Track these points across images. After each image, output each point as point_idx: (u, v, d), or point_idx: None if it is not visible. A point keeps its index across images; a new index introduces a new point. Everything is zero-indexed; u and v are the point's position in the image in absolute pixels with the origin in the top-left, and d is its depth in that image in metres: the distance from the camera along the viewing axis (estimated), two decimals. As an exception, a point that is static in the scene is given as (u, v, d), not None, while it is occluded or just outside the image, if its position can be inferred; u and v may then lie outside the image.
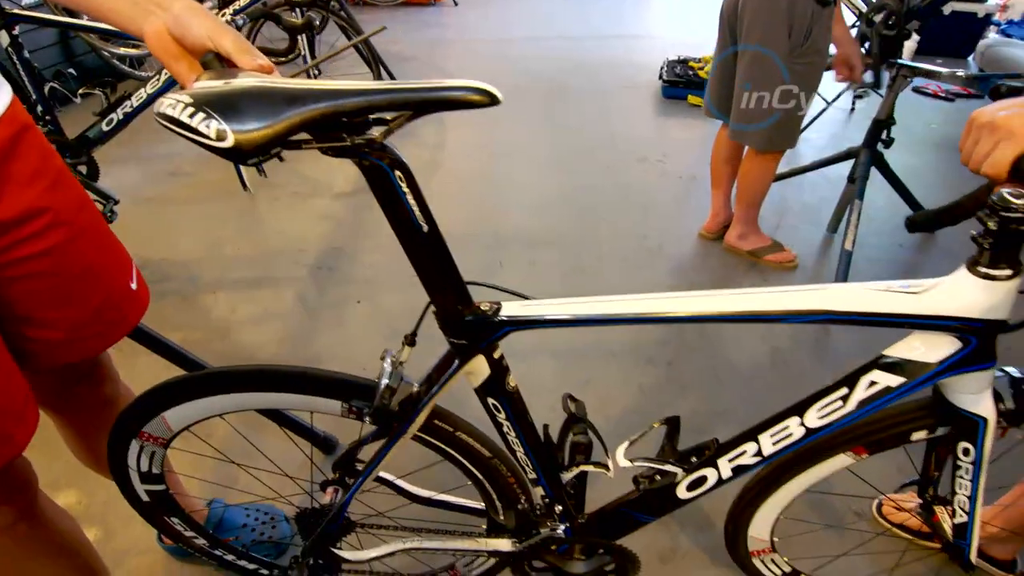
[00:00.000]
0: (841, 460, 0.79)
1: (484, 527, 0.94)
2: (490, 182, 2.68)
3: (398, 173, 0.54)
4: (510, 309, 0.65)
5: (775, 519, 0.91)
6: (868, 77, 1.95)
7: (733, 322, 0.66)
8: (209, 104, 0.47)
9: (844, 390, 0.68)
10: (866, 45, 1.94)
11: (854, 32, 2.12)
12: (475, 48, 4.66)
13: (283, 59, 2.59)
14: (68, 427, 0.94)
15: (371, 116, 0.51)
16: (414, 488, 0.92)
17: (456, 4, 5.88)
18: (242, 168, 2.37)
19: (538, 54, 4.44)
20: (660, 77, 3.69)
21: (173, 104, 0.47)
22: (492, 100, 0.48)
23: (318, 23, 3.41)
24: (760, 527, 0.92)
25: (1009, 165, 0.59)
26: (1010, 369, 0.68)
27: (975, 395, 0.66)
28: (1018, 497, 1.10)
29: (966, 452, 0.72)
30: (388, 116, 0.52)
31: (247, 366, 0.75)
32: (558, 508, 0.85)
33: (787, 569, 1.02)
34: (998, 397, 0.67)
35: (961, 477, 0.75)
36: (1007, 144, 0.59)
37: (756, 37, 1.67)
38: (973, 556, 0.85)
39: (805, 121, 2.12)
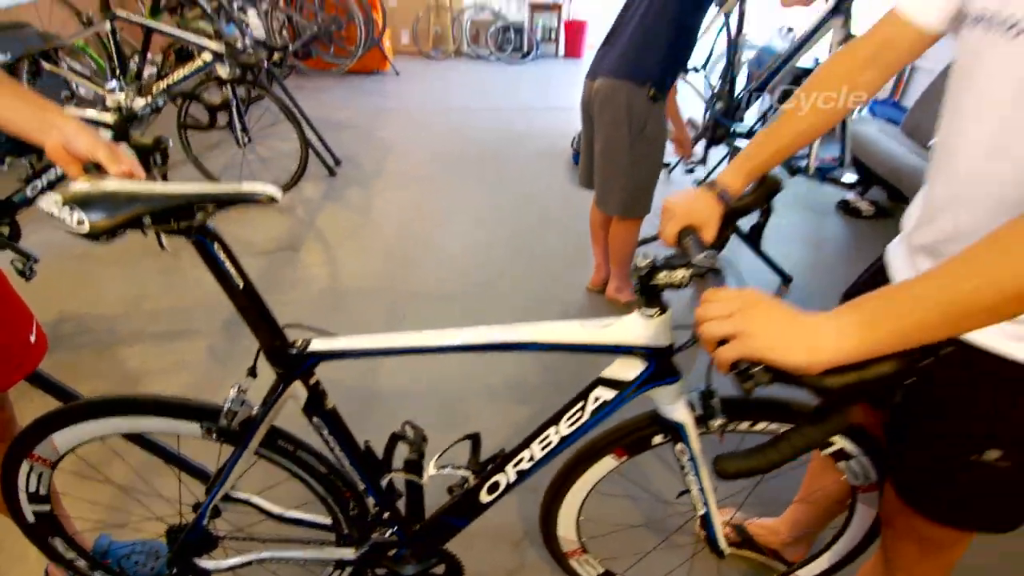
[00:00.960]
0: (608, 463, 1.00)
1: (333, 539, 1.10)
2: (409, 240, 2.92)
3: (216, 245, 0.75)
4: (318, 344, 0.85)
5: (576, 520, 1.10)
6: (699, 151, 2.36)
7: (492, 350, 0.87)
8: (75, 201, 0.68)
9: (581, 403, 0.90)
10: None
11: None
12: (413, 116, 5.01)
13: (209, 129, 2.80)
14: None
15: (196, 205, 0.72)
16: (270, 506, 1.08)
17: (397, 74, 6.31)
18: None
19: (470, 123, 4.82)
20: (572, 145, 4.08)
21: (48, 202, 0.68)
22: (272, 199, 0.70)
23: (246, 97, 3.63)
24: (566, 528, 1.11)
25: (674, 236, 0.85)
26: (703, 385, 0.92)
27: (671, 405, 0.89)
28: (796, 510, 1.33)
29: (683, 452, 0.94)
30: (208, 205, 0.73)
31: (118, 394, 0.92)
32: (386, 515, 1.03)
33: (600, 570, 1.21)
34: (692, 407, 0.90)
35: (688, 474, 0.97)
36: (671, 222, 0.85)
37: (604, 127, 2.01)
38: (721, 544, 1.06)
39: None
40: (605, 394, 0.88)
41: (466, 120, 4.94)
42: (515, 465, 0.97)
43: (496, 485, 0.99)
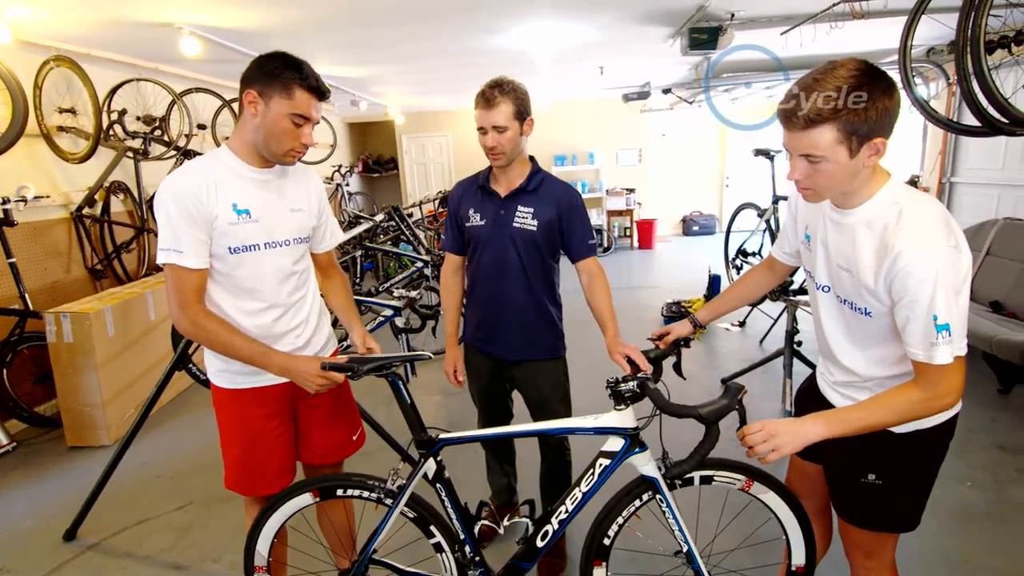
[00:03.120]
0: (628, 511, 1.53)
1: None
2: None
3: (401, 383, 1.52)
4: (443, 435, 1.55)
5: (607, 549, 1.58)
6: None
7: (534, 435, 1.51)
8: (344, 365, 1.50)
9: (591, 469, 1.49)
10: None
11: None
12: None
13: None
14: None
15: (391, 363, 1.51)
16: (401, 565, 1.66)
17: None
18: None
19: (570, 302, 5.77)
20: (662, 314, 5.00)
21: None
22: (429, 358, 1.49)
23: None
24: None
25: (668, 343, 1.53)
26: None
27: (646, 466, 1.46)
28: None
29: (661, 500, 1.46)
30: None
31: (335, 475, 1.64)
32: (477, 559, 1.59)
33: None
34: (659, 467, 1.46)
35: (668, 518, 1.47)
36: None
37: None
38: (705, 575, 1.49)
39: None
40: (604, 461, 1.47)
41: (567, 300, 5.91)
42: (556, 516, 1.53)
43: (546, 533, 1.55)
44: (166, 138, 4.42)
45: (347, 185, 8.06)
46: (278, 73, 1.38)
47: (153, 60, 4.44)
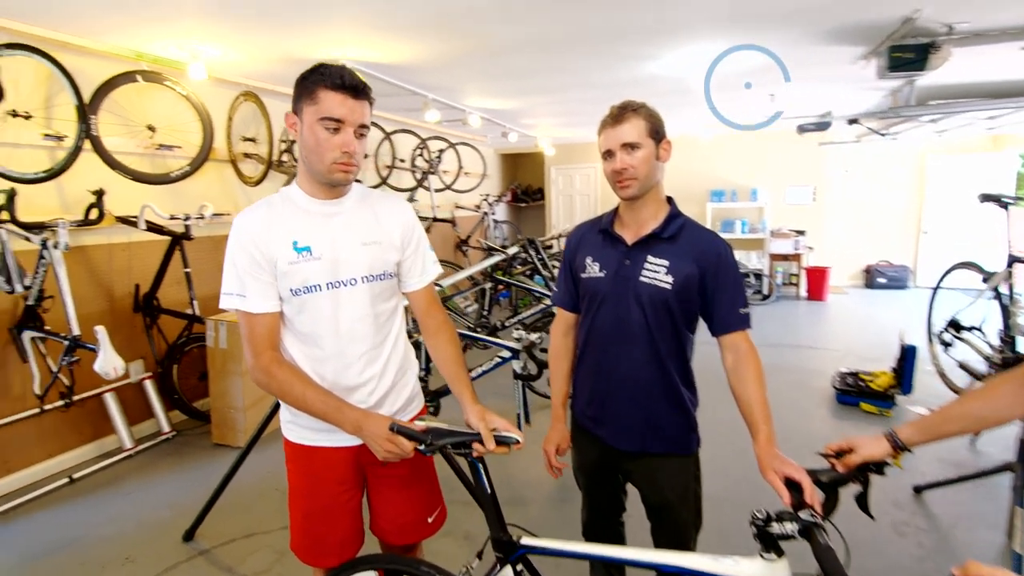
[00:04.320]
0: None
1: None
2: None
3: (481, 465, 1.25)
4: (528, 540, 1.24)
5: None
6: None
7: (650, 567, 1.13)
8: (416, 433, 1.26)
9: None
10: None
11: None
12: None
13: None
14: None
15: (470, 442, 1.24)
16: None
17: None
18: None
19: (714, 353, 5.13)
20: (833, 385, 4.08)
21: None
22: (518, 443, 1.19)
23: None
24: None
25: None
26: None
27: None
28: None
29: None
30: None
31: (408, 557, 1.41)
32: None
33: None
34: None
35: None
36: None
37: None
38: None
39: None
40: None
41: (713, 351, 5.26)
42: None
43: None
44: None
45: (493, 214, 8.18)
46: (302, 82, 1.24)
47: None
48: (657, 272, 1.44)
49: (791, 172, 8.08)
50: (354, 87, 1.22)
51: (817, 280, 7.45)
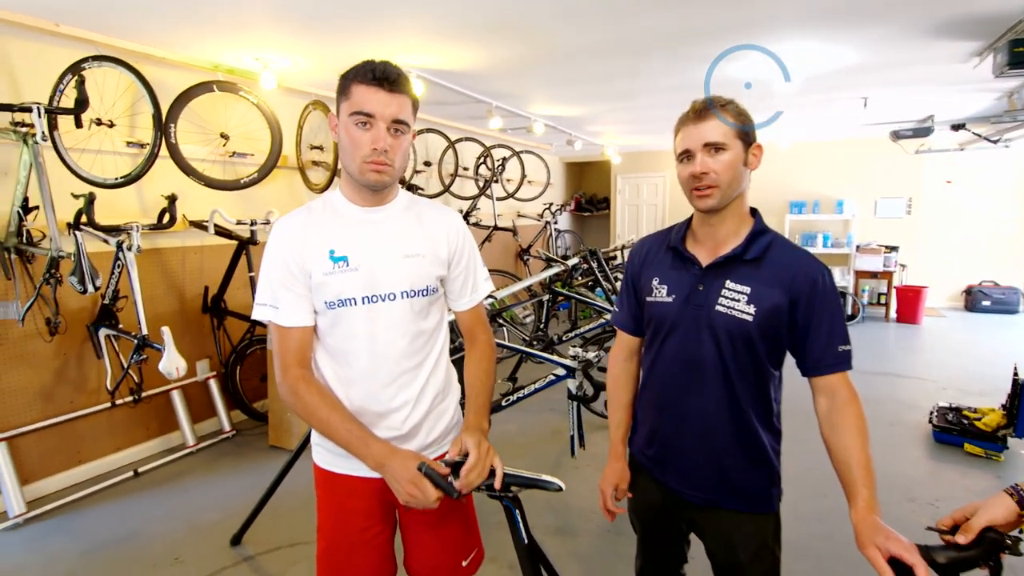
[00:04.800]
0: None
1: None
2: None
3: (517, 511, 1.11)
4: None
5: None
6: None
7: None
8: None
9: None
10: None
11: None
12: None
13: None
14: None
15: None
16: None
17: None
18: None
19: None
20: (930, 421, 3.62)
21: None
22: (559, 489, 1.04)
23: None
24: None
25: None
26: None
27: None
28: None
29: None
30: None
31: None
32: None
33: None
34: None
35: None
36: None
37: None
38: None
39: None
40: None
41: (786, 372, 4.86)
42: None
43: None
44: (392, 172, 4.80)
45: (556, 223, 8.03)
46: (341, 80, 1.18)
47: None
48: (736, 301, 1.22)
49: (882, 182, 7.42)
50: (386, 79, 1.12)
51: (911, 301, 6.76)
